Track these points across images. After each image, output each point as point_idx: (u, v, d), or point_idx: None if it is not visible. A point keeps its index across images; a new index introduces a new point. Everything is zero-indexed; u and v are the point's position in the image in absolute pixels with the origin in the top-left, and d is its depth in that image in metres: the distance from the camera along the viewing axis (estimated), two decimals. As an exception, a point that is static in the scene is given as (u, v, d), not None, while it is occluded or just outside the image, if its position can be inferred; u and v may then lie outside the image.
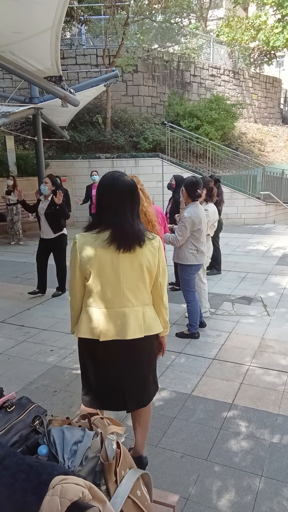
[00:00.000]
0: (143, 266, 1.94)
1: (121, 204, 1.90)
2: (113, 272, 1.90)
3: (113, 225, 1.89)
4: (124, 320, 1.93)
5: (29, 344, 4.10)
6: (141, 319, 1.97)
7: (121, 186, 1.91)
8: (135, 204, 1.95)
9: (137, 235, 1.92)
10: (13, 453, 1.00)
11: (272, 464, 2.39)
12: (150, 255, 1.96)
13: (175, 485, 2.24)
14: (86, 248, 1.90)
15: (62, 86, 4.89)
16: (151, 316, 2.03)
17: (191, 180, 3.98)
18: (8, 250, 9.02)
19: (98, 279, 1.91)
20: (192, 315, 4.10)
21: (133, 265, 1.93)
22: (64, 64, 13.28)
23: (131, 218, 1.91)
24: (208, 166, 12.88)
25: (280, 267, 6.89)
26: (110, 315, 1.93)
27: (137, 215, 1.97)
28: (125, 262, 1.91)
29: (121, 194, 1.90)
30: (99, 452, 1.26)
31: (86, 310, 1.99)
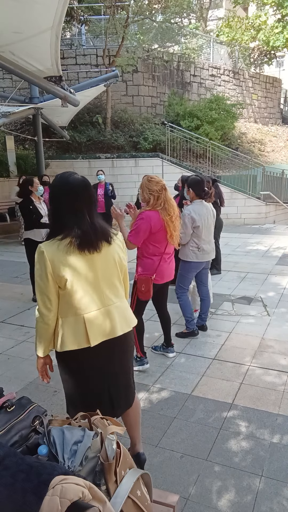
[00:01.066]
0: (115, 262, 1.96)
1: (77, 204, 1.84)
2: (89, 275, 1.86)
3: (74, 228, 1.82)
4: (110, 318, 1.92)
5: (29, 344, 4.10)
6: (123, 313, 1.99)
7: (73, 186, 1.86)
8: (91, 202, 1.90)
9: (101, 233, 1.90)
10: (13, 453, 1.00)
11: (272, 464, 2.39)
12: (119, 250, 1.99)
13: (175, 485, 2.24)
14: (56, 257, 1.80)
15: (62, 86, 4.89)
16: (128, 308, 2.06)
17: (196, 179, 3.99)
18: (8, 250, 9.02)
19: (75, 285, 1.83)
20: (185, 310, 4.12)
21: (107, 263, 1.93)
22: (64, 64, 13.27)
23: (90, 217, 1.87)
24: (208, 166, 12.88)
25: (280, 267, 6.89)
26: (96, 317, 1.88)
27: (96, 212, 1.93)
28: (98, 261, 1.89)
29: (75, 194, 1.85)
30: (99, 452, 1.26)
31: (67, 321, 1.88)
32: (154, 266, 3.29)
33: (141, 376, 3.41)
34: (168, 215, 3.17)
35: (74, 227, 1.82)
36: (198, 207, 3.94)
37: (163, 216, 3.16)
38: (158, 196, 3.17)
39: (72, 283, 1.82)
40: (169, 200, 3.21)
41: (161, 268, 3.31)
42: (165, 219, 3.16)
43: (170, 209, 3.18)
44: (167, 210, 3.17)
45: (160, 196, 3.16)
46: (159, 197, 3.17)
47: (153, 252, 3.28)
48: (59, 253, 1.81)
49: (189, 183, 3.99)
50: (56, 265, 1.80)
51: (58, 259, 1.80)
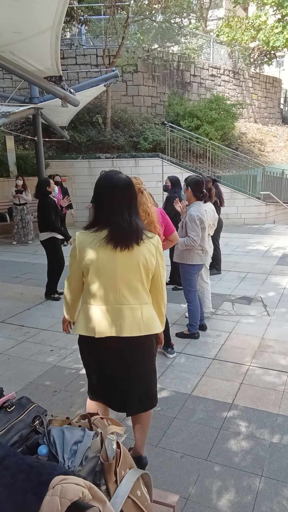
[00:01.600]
0: (139, 264, 1.95)
1: (117, 202, 1.92)
2: (109, 270, 1.92)
3: (110, 223, 1.91)
4: (121, 317, 1.93)
5: (29, 344, 4.10)
6: (139, 317, 1.97)
7: (116, 184, 1.93)
8: (131, 202, 1.96)
9: (134, 233, 1.92)
10: (13, 453, 1.00)
11: (272, 464, 2.39)
12: (147, 253, 1.97)
13: (175, 485, 2.24)
14: (85, 246, 1.93)
15: (62, 86, 4.89)
16: (150, 315, 2.02)
17: (196, 179, 3.98)
18: (8, 250, 9.02)
19: (95, 276, 1.93)
20: (193, 315, 4.10)
21: (130, 263, 1.93)
22: (64, 64, 13.27)
23: (128, 216, 1.92)
24: (208, 166, 12.88)
25: (280, 267, 6.89)
26: (107, 312, 1.94)
27: (135, 213, 1.97)
28: (121, 260, 1.92)
29: (117, 192, 1.92)
30: (99, 452, 1.26)
31: (84, 308, 2.02)
32: None
33: (141, 376, 3.41)
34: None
35: (110, 222, 1.91)
36: (200, 209, 3.94)
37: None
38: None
39: (93, 274, 1.93)
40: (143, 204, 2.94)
41: None
42: None
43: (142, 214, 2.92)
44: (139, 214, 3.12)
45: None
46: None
47: None
48: (89, 243, 1.92)
49: (189, 182, 3.98)
50: (83, 254, 1.93)
51: (87, 249, 1.92)
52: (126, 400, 2.07)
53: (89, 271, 1.94)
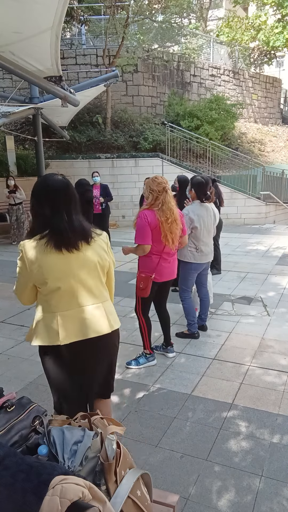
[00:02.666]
0: (95, 262, 1.93)
1: (55, 204, 1.86)
2: (65, 274, 1.86)
3: (51, 227, 1.85)
4: (86, 319, 1.90)
5: (29, 344, 4.10)
6: (104, 315, 1.96)
7: (51, 186, 1.88)
8: (70, 202, 1.90)
9: (79, 233, 1.89)
10: (13, 453, 1.00)
11: (272, 464, 2.39)
12: (100, 250, 1.96)
13: (175, 485, 2.24)
14: (34, 255, 1.84)
15: (62, 86, 4.88)
16: (112, 311, 2.04)
17: (200, 181, 3.97)
18: (8, 250, 9.02)
19: (51, 284, 1.85)
20: (188, 313, 4.11)
21: (86, 264, 1.91)
22: (64, 64, 13.28)
23: (68, 217, 1.87)
24: (208, 166, 12.88)
25: (280, 267, 6.89)
26: (70, 317, 1.89)
27: (76, 213, 1.92)
28: (76, 262, 1.88)
29: (52, 194, 1.86)
30: (99, 452, 1.26)
31: (43, 317, 1.92)
32: (153, 264, 3.30)
33: (141, 376, 3.41)
34: (164, 216, 3.18)
35: (52, 226, 1.85)
36: (196, 208, 3.94)
37: (159, 216, 3.19)
38: (157, 197, 3.21)
39: (48, 282, 1.84)
40: (168, 203, 3.21)
41: (160, 267, 3.32)
42: (161, 219, 3.18)
43: (167, 211, 3.20)
44: (164, 212, 3.19)
45: (158, 197, 3.20)
46: (157, 198, 3.21)
47: (152, 251, 3.29)
48: (37, 251, 1.83)
49: (193, 183, 3.99)
50: (33, 264, 1.84)
51: (37, 258, 1.83)
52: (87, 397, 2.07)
53: (44, 279, 1.84)
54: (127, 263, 6.61)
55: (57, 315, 1.88)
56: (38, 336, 1.92)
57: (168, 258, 3.39)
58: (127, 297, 5.23)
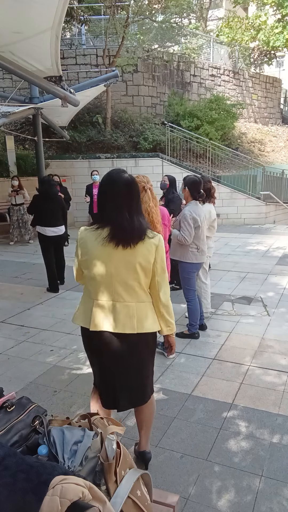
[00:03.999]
0: (136, 263, 1.95)
1: (118, 200, 1.93)
2: (105, 267, 1.94)
3: (112, 222, 1.93)
4: (114, 313, 1.96)
5: (29, 344, 4.10)
6: (133, 315, 1.97)
7: (117, 182, 1.95)
8: (132, 200, 1.96)
9: (136, 232, 1.94)
10: (13, 453, 1.00)
11: (272, 464, 2.39)
12: (146, 252, 1.97)
13: (175, 485, 2.25)
14: (86, 242, 1.98)
15: (62, 86, 4.88)
16: (145, 314, 2.01)
17: (194, 179, 3.98)
18: (8, 250, 9.02)
19: (93, 272, 1.97)
20: (192, 314, 4.10)
21: (127, 262, 1.94)
22: (64, 64, 13.27)
23: (129, 214, 1.93)
24: (208, 166, 12.88)
25: (280, 267, 6.89)
26: (102, 307, 1.98)
27: (137, 211, 1.98)
28: (118, 258, 1.93)
29: (117, 191, 1.94)
30: (99, 452, 1.26)
31: (83, 299, 2.10)
32: None
33: (141, 376, 3.41)
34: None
35: (112, 221, 1.93)
36: (195, 208, 3.94)
37: None
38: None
39: (90, 270, 1.98)
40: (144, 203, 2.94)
41: None
42: None
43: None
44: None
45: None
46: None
47: None
48: (91, 241, 1.96)
49: (186, 182, 3.98)
50: (83, 250, 2.00)
51: (87, 246, 1.97)
52: (116, 395, 2.10)
53: (87, 266, 1.99)
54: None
55: (94, 301, 2.01)
56: (79, 317, 2.09)
57: None
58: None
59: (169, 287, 2.13)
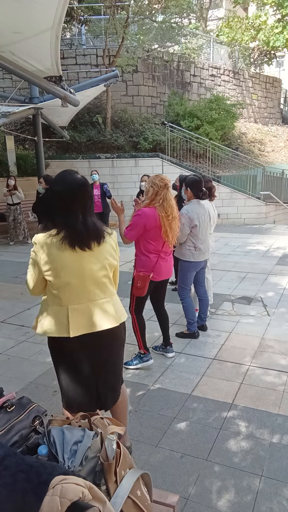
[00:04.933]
0: (105, 262, 1.98)
1: (71, 203, 1.90)
2: (76, 272, 1.92)
3: (66, 225, 1.90)
4: (96, 312, 1.97)
5: (29, 344, 4.10)
6: (112, 309, 2.02)
7: (68, 185, 1.92)
8: (86, 202, 1.94)
9: (92, 234, 1.94)
10: (13, 453, 1.00)
11: (272, 464, 2.39)
12: (110, 249, 2.02)
13: (175, 485, 2.24)
14: (46, 250, 1.89)
15: (62, 86, 4.89)
16: (119, 305, 2.10)
17: (194, 179, 3.99)
18: (8, 250, 9.02)
19: (62, 278, 1.90)
20: (188, 312, 4.11)
21: (96, 261, 1.96)
22: (64, 64, 13.27)
23: (83, 217, 1.92)
24: (208, 166, 12.88)
25: (280, 267, 6.89)
26: (79, 311, 1.95)
27: (91, 213, 1.97)
28: (88, 259, 1.94)
29: (69, 193, 1.90)
30: (99, 452, 1.26)
31: (52, 310, 1.98)
32: (152, 264, 3.31)
33: (141, 376, 3.41)
34: (164, 212, 3.21)
35: (67, 224, 1.89)
36: (194, 207, 3.94)
37: (160, 212, 3.21)
38: (157, 192, 3.22)
39: (59, 276, 1.90)
40: (168, 200, 3.24)
41: (158, 266, 3.34)
42: (161, 215, 3.21)
43: (168, 208, 3.22)
44: (164, 208, 3.22)
45: (159, 192, 3.22)
46: (158, 193, 3.22)
47: (150, 250, 3.31)
48: (51, 247, 1.88)
49: (187, 183, 3.99)
50: (45, 258, 1.90)
51: (48, 253, 1.89)
52: (101, 397, 2.10)
53: (53, 274, 1.90)
54: (126, 263, 6.60)
55: (67, 308, 1.94)
56: (47, 328, 1.98)
57: (165, 257, 3.42)
58: (126, 297, 5.23)
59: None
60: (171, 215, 3.23)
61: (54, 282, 1.93)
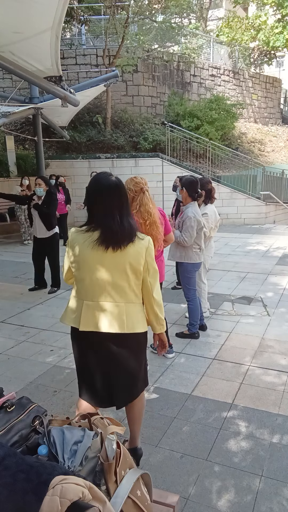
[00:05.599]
0: (126, 264, 1.98)
1: (107, 204, 1.95)
2: (96, 269, 1.97)
3: (102, 226, 1.95)
4: (104, 313, 1.98)
5: (29, 344, 4.10)
6: (123, 315, 2.00)
7: (105, 186, 1.96)
8: (122, 203, 1.98)
9: (126, 235, 1.96)
10: (13, 453, 1.00)
11: (272, 464, 2.39)
12: (136, 254, 2.00)
13: (175, 485, 2.24)
14: (76, 244, 1.99)
15: (62, 86, 4.89)
16: (135, 315, 2.04)
17: (191, 179, 3.99)
18: (8, 250, 9.02)
19: (82, 273, 2.00)
20: (193, 314, 4.10)
21: (117, 263, 1.97)
22: (64, 64, 13.27)
23: (119, 218, 1.95)
24: (208, 166, 12.88)
25: (280, 267, 6.89)
26: (92, 307, 1.99)
27: (127, 213, 2.00)
28: (109, 259, 1.96)
29: (106, 195, 1.95)
30: (99, 452, 1.26)
31: (72, 300, 2.10)
32: None
33: (141, 376, 3.41)
34: (142, 219, 2.90)
35: (102, 224, 1.95)
36: (196, 209, 3.95)
37: (138, 218, 2.87)
38: (133, 197, 2.91)
39: (80, 271, 2.00)
40: (145, 204, 2.93)
41: None
42: (140, 222, 2.87)
43: (144, 213, 2.91)
44: (141, 214, 2.90)
45: (135, 198, 2.91)
46: (134, 198, 2.91)
47: None
48: (81, 242, 1.98)
49: (183, 182, 3.98)
50: (73, 251, 2.00)
51: (77, 247, 1.98)
52: (111, 394, 2.11)
53: (77, 267, 2.01)
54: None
55: (83, 302, 2.02)
56: (67, 315, 2.11)
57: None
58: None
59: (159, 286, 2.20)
60: (149, 220, 2.91)
61: (76, 274, 2.05)
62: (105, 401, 2.15)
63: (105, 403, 2.16)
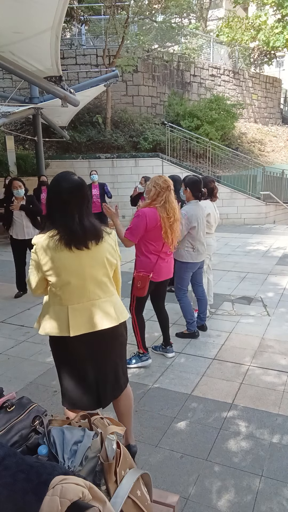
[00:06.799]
0: (104, 261, 2.01)
1: (67, 204, 1.92)
2: (76, 271, 1.94)
3: (62, 226, 1.92)
4: (96, 312, 1.98)
5: (29, 344, 4.10)
6: (112, 309, 2.04)
7: (65, 186, 1.93)
8: (82, 203, 1.95)
9: (90, 234, 1.95)
10: (13, 453, 1.00)
11: (272, 464, 2.39)
12: (110, 248, 2.04)
13: (175, 485, 2.24)
14: (45, 251, 1.92)
15: (62, 86, 4.89)
16: (119, 304, 2.11)
17: (194, 179, 3.98)
18: (8, 250, 8.99)
19: (66, 277, 1.93)
20: (186, 312, 4.10)
21: (96, 261, 1.98)
22: (64, 64, 13.27)
23: (80, 217, 1.93)
24: (208, 166, 12.88)
25: (280, 267, 6.89)
26: (81, 310, 1.97)
27: (88, 213, 1.98)
28: (87, 258, 1.96)
29: (66, 195, 1.92)
30: (99, 452, 1.26)
31: (53, 309, 2.01)
32: (151, 264, 3.31)
33: (141, 376, 3.41)
34: (166, 213, 3.20)
35: (64, 225, 1.91)
36: (193, 208, 3.94)
37: (161, 213, 3.19)
38: (159, 193, 3.21)
39: (59, 276, 1.93)
40: (171, 202, 3.23)
41: (158, 266, 3.33)
42: (162, 216, 3.19)
43: (169, 210, 3.21)
44: (166, 210, 3.20)
45: (161, 193, 3.21)
46: (160, 194, 3.22)
47: (150, 250, 3.30)
48: (49, 247, 1.91)
49: (187, 182, 3.98)
50: (44, 258, 1.92)
51: (48, 254, 1.92)
52: (100, 395, 2.11)
53: (56, 273, 1.93)
54: (126, 263, 6.61)
55: (68, 308, 1.96)
56: (48, 327, 2.00)
57: (165, 258, 3.40)
58: (127, 297, 5.23)
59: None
60: (173, 217, 3.21)
61: (54, 282, 1.95)
62: (94, 403, 2.12)
63: (93, 405, 2.12)
